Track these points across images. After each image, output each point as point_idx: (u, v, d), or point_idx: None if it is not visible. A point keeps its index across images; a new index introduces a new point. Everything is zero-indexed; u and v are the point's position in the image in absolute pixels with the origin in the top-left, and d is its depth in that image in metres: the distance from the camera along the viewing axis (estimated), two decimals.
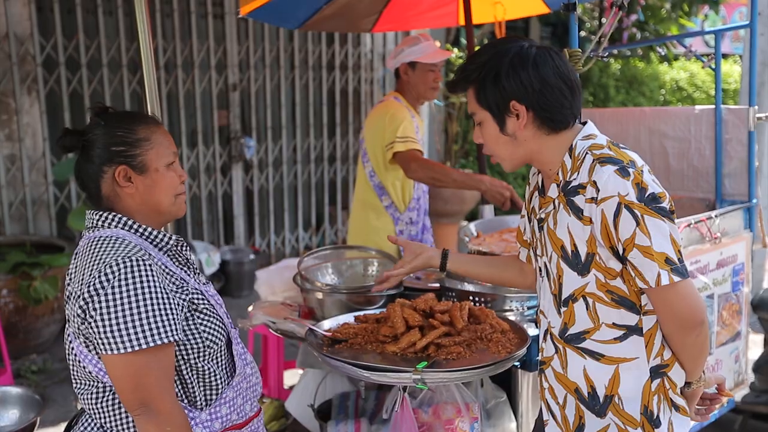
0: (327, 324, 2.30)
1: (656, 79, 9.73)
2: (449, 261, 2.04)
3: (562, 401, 1.74)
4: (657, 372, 1.64)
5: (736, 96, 9.38)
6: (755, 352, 3.38)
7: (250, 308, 2.76)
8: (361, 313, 2.34)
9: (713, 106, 3.03)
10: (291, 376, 3.96)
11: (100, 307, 1.48)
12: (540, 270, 1.78)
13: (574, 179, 1.62)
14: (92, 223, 1.66)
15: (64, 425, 3.69)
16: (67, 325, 1.61)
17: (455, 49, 6.99)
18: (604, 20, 8.47)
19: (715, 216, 2.71)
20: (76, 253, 1.63)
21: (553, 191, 1.68)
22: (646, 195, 1.52)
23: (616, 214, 1.52)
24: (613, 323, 1.63)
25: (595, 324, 1.64)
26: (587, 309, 1.64)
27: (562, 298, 1.68)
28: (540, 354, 1.82)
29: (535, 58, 1.61)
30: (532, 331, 2.19)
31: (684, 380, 1.68)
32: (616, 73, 9.16)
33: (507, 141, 1.67)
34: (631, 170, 1.54)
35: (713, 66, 3.03)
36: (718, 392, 1.81)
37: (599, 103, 8.79)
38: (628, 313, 1.62)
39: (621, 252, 1.55)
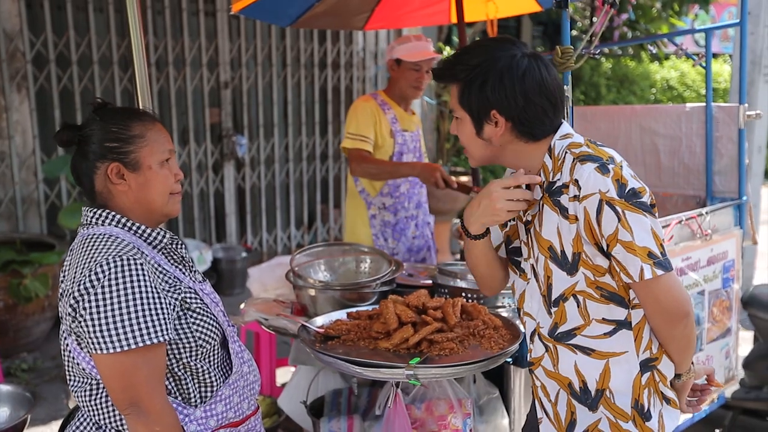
0: (320, 321, 2.30)
1: (647, 78, 9.79)
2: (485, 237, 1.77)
3: (554, 398, 1.75)
4: (646, 365, 1.66)
5: (726, 95, 9.44)
6: (745, 348, 3.40)
7: (242, 305, 2.76)
8: (354, 309, 2.35)
9: (704, 104, 3.04)
10: (283, 374, 3.95)
11: (90, 306, 1.47)
12: (526, 272, 1.77)
13: (558, 179, 1.62)
14: (87, 220, 1.65)
15: (54, 423, 3.70)
16: (61, 322, 1.60)
17: (447, 48, 6.99)
18: (595, 19, 8.54)
19: (706, 213, 2.72)
20: (71, 250, 1.62)
21: (537, 193, 1.69)
22: (627, 191, 1.54)
23: (599, 211, 1.53)
24: (603, 318, 1.64)
25: (586, 320, 1.65)
26: (578, 306, 1.65)
27: (553, 299, 1.68)
28: (529, 355, 1.82)
29: (524, 72, 1.59)
30: None
31: (673, 372, 1.70)
32: (608, 72, 9.20)
33: (482, 144, 1.69)
34: (610, 167, 1.56)
35: (704, 64, 3.05)
36: (708, 383, 1.82)
37: (590, 101, 8.83)
38: (617, 308, 1.63)
39: (605, 248, 1.57)
